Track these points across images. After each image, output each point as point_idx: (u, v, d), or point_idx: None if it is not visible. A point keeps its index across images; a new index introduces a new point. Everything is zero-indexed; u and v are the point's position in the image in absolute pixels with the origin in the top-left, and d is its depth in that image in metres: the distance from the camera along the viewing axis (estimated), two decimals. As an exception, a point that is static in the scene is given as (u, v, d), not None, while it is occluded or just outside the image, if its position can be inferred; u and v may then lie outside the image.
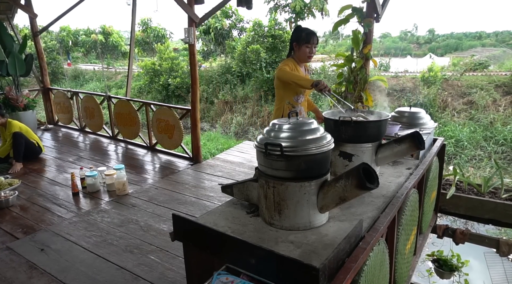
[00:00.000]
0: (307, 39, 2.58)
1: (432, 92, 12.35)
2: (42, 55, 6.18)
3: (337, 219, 1.60)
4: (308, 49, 2.60)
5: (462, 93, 12.75)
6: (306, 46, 2.59)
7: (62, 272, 2.35)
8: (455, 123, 11.71)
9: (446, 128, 11.35)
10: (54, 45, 22.01)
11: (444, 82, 13.04)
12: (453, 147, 10.77)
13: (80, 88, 19.63)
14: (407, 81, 13.80)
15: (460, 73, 13.45)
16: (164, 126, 4.72)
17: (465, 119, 11.91)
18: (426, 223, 2.63)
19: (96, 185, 3.68)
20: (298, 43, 2.61)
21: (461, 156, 10.57)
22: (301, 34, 2.59)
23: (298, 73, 2.67)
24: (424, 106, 12.17)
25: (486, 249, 3.04)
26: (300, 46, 2.60)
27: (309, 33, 2.59)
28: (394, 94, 13.25)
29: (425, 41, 39.66)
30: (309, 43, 2.58)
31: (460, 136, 11.00)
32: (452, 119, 11.91)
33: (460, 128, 11.37)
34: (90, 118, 5.77)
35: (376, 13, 3.01)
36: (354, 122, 1.94)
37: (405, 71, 16.16)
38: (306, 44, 2.58)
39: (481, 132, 11.21)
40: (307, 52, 2.61)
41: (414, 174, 2.10)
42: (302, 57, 2.65)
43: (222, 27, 15.93)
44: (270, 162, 1.45)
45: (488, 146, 10.78)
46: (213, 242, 1.39)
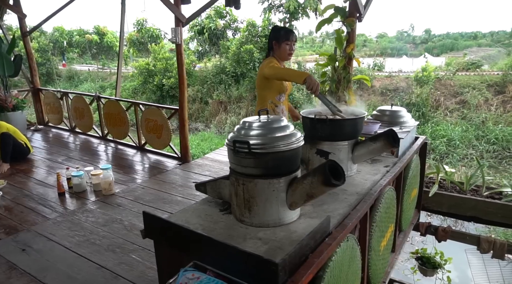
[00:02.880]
0: (286, 37, 2.59)
1: (425, 91, 12.42)
2: (32, 56, 6.16)
3: (308, 216, 1.61)
4: (288, 47, 2.62)
5: (454, 93, 12.83)
6: (286, 43, 2.60)
7: (42, 271, 2.35)
8: (447, 122, 11.79)
9: (439, 128, 11.43)
10: (48, 46, 21.92)
11: (437, 82, 13.12)
12: (445, 146, 10.84)
13: (74, 89, 19.56)
14: (400, 81, 13.87)
15: (453, 73, 13.53)
16: (152, 126, 4.72)
17: (458, 118, 11.99)
18: (406, 221, 2.66)
19: (82, 185, 3.67)
20: (277, 41, 2.62)
21: (453, 155, 10.64)
22: (280, 32, 2.61)
23: None
24: (417, 105, 12.25)
25: (468, 246, 3.07)
26: (280, 44, 2.62)
27: (288, 31, 2.62)
28: (387, 94, 13.32)
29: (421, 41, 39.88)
30: (289, 40, 2.60)
31: (452, 136, 11.08)
32: (445, 118, 11.99)
33: (452, 127, 11.45)
34: (80, 119, 5.76)
35: (359, 13, 3.03)
36: (329, 121, 1.96)
37: (399, 71, 16.25)
38: (286, 41, 2.60)
39: (473, 132, 11.29)
40: (288, 49, 2.62)
41: (390, 171, 2.13)
42: (282, 55, 2.66)
43: (216, 27, 15.93)
44: (239, 159, 1.46)
45: (480, 145, 10.86)
46: (181, 239, 1.40)
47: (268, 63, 2.60)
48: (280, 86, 2.65)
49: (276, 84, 2.63)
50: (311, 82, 2.24)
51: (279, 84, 2.64)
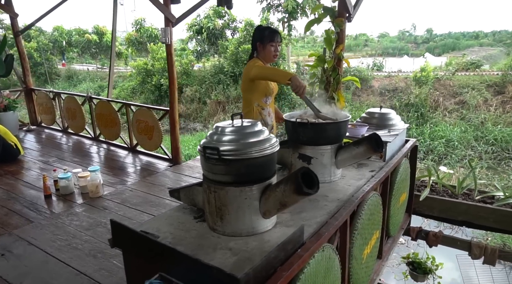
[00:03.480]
0: (271, 37, 2.52)
1: (424, 92, 12.35)
2: (24, 55, 6.11)
3: (284, 224, 1.55)
4: (273, 48, 2.55)
5: (453, 93, 12.75)
6: (270, 44, 2.53)
7: (19, 278, 2.30)
8: (446, 123, 11.71)
9: (437, 128, 11.36)
10: (48, 45, 21.89)
11: (436, 82, 13.05)
12: (444, 147, 10.77)
13: (73, 88, 19.54)
14: (399, 81, 13.80)
15: (452, 73, 13.45)
16: (143, 127, 4.67)
17: (456, 119, 11.91)
18: (395, 226, 2.59)
19: (69, 187, 3.62)
20: (262, 43, 2.55)
21: (451, 156, 10.56)
22: (264, 32, 2.54)
23: None
24: (416, 106, 12.18)
25: (458, 251, 3.01)
26: (265, 45, 2.54)
27: (273, 31, 2.54)
28: (386, 94, 13.25)
29: (423, 41, 39.70)
30: (274, 42, 2.53)
31: (451, 136, 11.01)
32: (443, 119, 11.92)
33: (451, 128, 11.37)
34: (72, 119, 5.71)
35: (348, 13, 2.96)
36: (311, 124, 1.89)
37: (399, 71, 16.17)
38: (270, 42, 2.53)
39: (472, 132, 11.22)
40: (272, 50, 2.56)
41: (375, 176, 2.06)
42: (267, 57, 2.58)
43: (215, 27, 15.87)
44: (210, 166, 1.41)
45: (479, 146, 10.78)
46: (147, 249, 1.34)
47: (254, 63, 2.54)
48: (266, 88, 2.58)
49: (262, 86, 2.56)
50: (297, 83, 2.13)
51: (265, 86, 2.58)
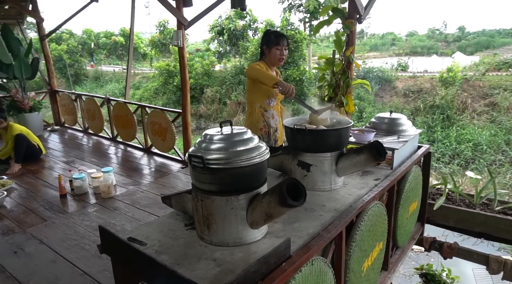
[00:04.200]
0: (276, 42, 2.50)
1: (451, 93, 11.85)
2: (49, 59, 6.36)
3: (275, 234, 1.51)
4: (278, 52, 2.53)
5: (483, 94, 12.16)
6: (276, 48, 2.52)
7: (28, 276, 2.37)
8: (474, 126, 11.18)
9: (464, 131, 10.86)
10: (77, 48, 22.76)
11: (464, 82, 12.49)
12: (471, 151, 10.28)
13: (100, 89, 20.20)
14: (425, 82, 13.32)
15: (482, 73, 12.83)
16: (157, 129, 4.74)
17: (486, 121, 11.34)
18: (404, 237, 2.48)
19: (83, 187, 3.72)
20: (268, 46, 2.54)
21: (479, 161, 10.07)
22: (271, 36, 2.53)
23: None
24: (441, 108, 11.71)
25: (475, 265, 2.84)
26: (270, 49, 2.53)
27: (278, 35, 2.52)
28: (410, 95, 12.82)
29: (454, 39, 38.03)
30: (279, 45, 2.51)
31: (479, 140, 10.49)
32: (471, 121, 11.38)
33: (479, 131, 10.84)
34: (92, 120, 5.89)
35: (359, 14, 2.87)
36: (309, 131, 1.84)
37: (425, 71, 15.61)
38: (276, 46, 2.51)
39: (503, 136, 10.64)
40: (278, 54, 2.53)
41: (379, 185, 1.98)
42: (273, 60, 2.57)
43: (236, 28, 15.93)
44: (196, 174, 1.39)
45: (510, 151, 10.22)
46: (131, 258, 1.33)
47: (253, 65, 2.53)
48: (268, 90, 2.55)
49: (264, 88, 2.54)
50: (284, 86, 2.25)
51: (267, 88, 2.55)
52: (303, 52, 14.17)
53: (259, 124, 2.64)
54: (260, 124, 2.64)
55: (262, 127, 2.65)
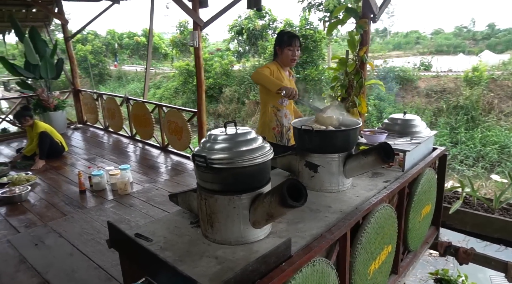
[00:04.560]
0: (289, 42, 2.52)
1: (476, 93, 11.44)
2: (73, 59, 6.60)
3: (278, 234, 1.52)
4: (290, 52, 2.55)
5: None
6: (288, 49, 2.54)
7: (46, 267, 2.49)
8: (501, 127, 10.75)
9: (490, 133, 10.46)
10: (101, 48, 23.45)
11: (491, 82, 12.02)
12: (497, 154, 9.89)
13: (122, 88, 20.73)
14: (449, 82, 12.92)
15: (511, 73, 12.30)
16: (174, 128, 4.83)
17: (514, 123, 10.88)
18: (416, 240, 2.43)
19: (101, 184, 3.85)
20: (280, 47, 2.57)
21: (506, 164, 9.68)
22: (283, 37, 2.55)
23: (281, 76, 2.61)
24: (466, 108, 11.33)
25: (493, 272, 2.74)
26: (283, 49, 2.56)
27: (291, 36, 2.54)
28: (432, 95, 12.46)
29: (483, 37, 36.49)
30: (291, 46, 2.53)
31: (506, 142, 10.08)
32: (498, 123, 10.94)
33: (506, 133, 10.41)
34: (112, 119, 6.07)
35: (373, 14, 2.83)
36: (316, 132, 1.84)
37: (449, 70, 15.13)
38: (288, 47, 2.53)
39: (532, 138, 10.17)
40: (290, 55, 2.55)
41: (388, 187, 1.95)
42: (285, 61, 2.60)
43: (255, 27, 15.97)
44: (200, 173, 1.42)
45: (539, 153, 9.76)
46: (136, 253, 1.38)
47: (261, 67, 2.57)
48: None
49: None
50: (287, 90, 2.27)
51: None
52: (322, 51, 14.04)
53: (272, 124, 2.67)
54: (273, 123, 2.67)
55: (275, 127, 2.67)
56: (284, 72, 2.65)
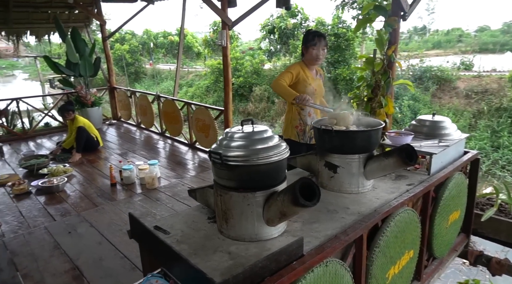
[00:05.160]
0: (313, 42, 2.53)
1: (522, 94, 10.68)
2: (110, 58, 6.92)
3: (292, 233, 1.52)
4: (315, 52, 2.56)
5: None
6: (313, 48, 2.55)
7: (77, 254, 2.64)
8: (550, 132, 9.98)
9: (536, 138, 9.74)
10: (137, 47, 24.32)
11: (541, 83, 11.18)
12: (545, 160, 9.20)
13: (156, 86, 21.39)
14: (491, 82, 12.16)
15: (562, 73, 11.39)
16: (201, 125, 4.94)
17: None
18: (442, 247, 2.33)
19: (131, 178, 4.01)
20: (306, 46, 2.59)
21: (554, 171, 8.98)
22: (308, 36, 2.57)
23: (305, 77, 2.60)
24: (509, 111, 10.62)
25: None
26: (308, 49, 2.58)
27: (316, 35, 2.54)
28: (472, 96, 11.80)
29: (537, 34, 33.82)
30: (316, 45, 2.54)
31: (555, 148, 9.35)
32: (546, 127, 10.16)
33: (555, 138, 9.66)
34: (144, 115, 6.30)
35: (403, 11, 2.73)
36: (335, 132, 1.82)
37: (493, 70, 14.24)
38: (313, 46, 2.54)
39: None
40: (315, 54, 2.56)
41: (410, 191, 1.89)
42: (310, 60, 2.61)
43: (287, 26, 15.89)
44: (216, 170, 1.45)
45: None
46: (153, 245, 1.44)
47: (284, 71, 2.61)
48: (304, 90, 2.58)
49: (299, 87, 2.58)
50: (300, 98, 2.36)
51: (302, 88, 2.58)
52: (354, 50, 13.71)
53: (295, 122, 2.70)
54: (296, 122, 2.70)
55: (297, 125, 2.70)
56: (310, 72, 2.65)
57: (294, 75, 2.54)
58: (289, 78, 2.51)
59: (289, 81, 2.53)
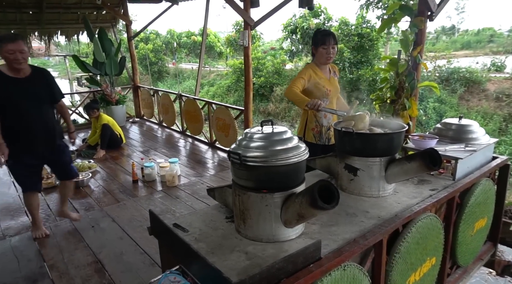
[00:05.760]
0: (322, 41, 2.50)
1: (559, 98, 10.14)
2: (134, 57, 7.10)
3: (309, 235, 1.51)
4: (325, 51, 2.53)
5: None
6: (322, 47, 2.53)
7: (99, 248, 2.73)
8: None
9: None
10: (161, 47, 24.80)
11: None
12: None
13: (178, 85, 21.74)
14: (525, 84, 11.62)
15: None
16: (221, 125, 4.98)
17: None
18: (467, 255, 2.25)
19: (152, 175, 4.10)
20: (315, 46, 2.57)
21: None
22: (317, 36, 2.56)
23: (317, 78, 2.57)
24: (544, 115, 10.11)
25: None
26: (317, 48, 2.56)
27: (324, 35, 2.51)
28: (503, 99, 11.31)
29: None
30: (325, 45, 2.51)
31: None
32: None
33: None
34: (166, 114, 6.42)
35: (430, 11, 2.65)
36: (356, 134, 1.79)
37: (527, 72, 13.59)
38: (322, 46, 2.52)
39: None
40: (324, 53, 2.53)
41: (433, 196, 1.83)
42: (321, 60, 2.59)
43: (309, 26, 15.76)
44: (235, 170, 1.46)
45: None
46: (172, 242, 1.46)
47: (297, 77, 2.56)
48: (320, 91, 2.58)
49: (314, 89, 2.57)
50: (311, 104, 2.32)
51: (316, 90, 2.56)
52: (378, 51, 13.44)
53: (311, 124, 2.68)
54: (312, 124, 2.68)
55: (314, 127, 2.68)
56: (322, 72, 2.61)
57: (306, 80, 2.52)
58: (301, 84, 2.49)
59: (302, 87, 2.51)
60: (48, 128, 2.71)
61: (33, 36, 7.19)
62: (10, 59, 2.42)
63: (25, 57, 2.47)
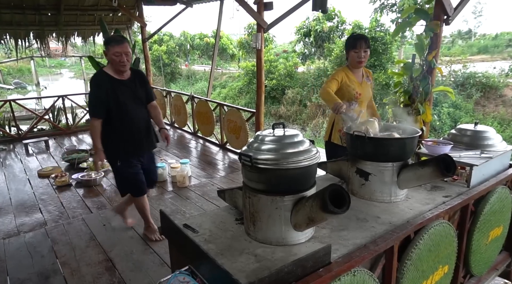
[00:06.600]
0: (353, 45, 2.51)
1: None
2: (148, 59, 7.20)
3: (319, 239, 1.50)
4: (356, 55, 2.53)
5: None
6: (354, 51, 2.53)
7: (111, 246, 2.76)
8: None
9: None
10: (175, 49, 25.09)
11: None
12: None
13: (190, 87, 21.94)
14: (543, 90, 11.34)
15: None
16: (233, 126, 5.00)
17: None
18: (481, 265, 2.20)
19: (163, 175, 4.13)
20: (347, 50, 2.57)
21: None
22: (349, 40, 2.56)
23: (349, 82, 2.57)
24: None
25: None
26: (349, 52, 2.57)
27: (356, 39, 2.51)
28: (520, 105, 11.05)
29: None
30: (356, 49, 2.51)
31: None
32: None
33: None
34: (178, 115, 6.48)
35: (446, 15, 2.62)
36: (368, 138, 1.77)
37: (546, 77, 13.25)
38: (353, 49, 2.53)
39: None
40: (356, 57, 2.53)
41: (447, 203, 1.80)
42: (353, 63, 2.61)
43: (322, 29, 15.72)
44: (246, 172, 1.46)
45: None
46: (182, 242, 1.47)
47: (329, 79, 2.59)
48: (349, 94, 2.59)
49: (344, 92, 2.56)
50: (334, 107, 2.31)
51: (346, 92, 2.56)
52: (392, 54, 13.30)
53: (338, 126, 2.71)
54: (339, 125, 2.71)
55: (340, 129, 2.69)
56: (355, 76, 2.62)
57: (339, 82, 2.54)
58: (335, 85, 2.51)
59: (335, 88, 2.53)
60: (149, 129, 2.77)
61: (50, 37, 7.36)
62: (116, 62, 2.45)
63: (129, 59, 2.50)
